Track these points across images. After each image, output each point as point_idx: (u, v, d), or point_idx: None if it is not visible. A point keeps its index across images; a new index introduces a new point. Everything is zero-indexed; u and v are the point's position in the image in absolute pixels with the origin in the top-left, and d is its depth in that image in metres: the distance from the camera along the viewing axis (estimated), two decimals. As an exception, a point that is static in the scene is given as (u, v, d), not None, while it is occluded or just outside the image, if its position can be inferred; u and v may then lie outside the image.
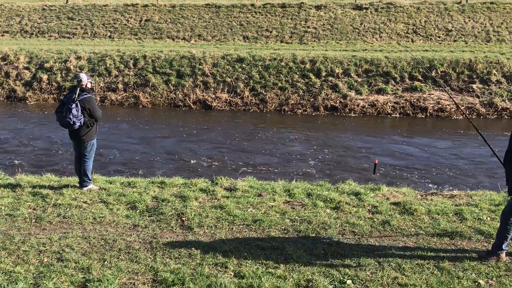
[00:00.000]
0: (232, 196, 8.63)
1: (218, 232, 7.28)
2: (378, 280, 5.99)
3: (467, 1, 27.26)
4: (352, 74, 19.58)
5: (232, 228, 7.41)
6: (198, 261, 6.45)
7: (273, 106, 19.00)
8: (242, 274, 6.13)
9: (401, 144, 14.73)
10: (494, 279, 6.00)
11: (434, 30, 24.87)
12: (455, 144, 14.68)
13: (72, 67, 21.49)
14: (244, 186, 9.08)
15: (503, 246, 6.45)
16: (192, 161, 13.23)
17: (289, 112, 18.55)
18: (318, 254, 6.61)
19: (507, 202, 6.28)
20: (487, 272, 6.13)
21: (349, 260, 6.45)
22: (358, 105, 18.47)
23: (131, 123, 17.28)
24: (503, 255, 6.46)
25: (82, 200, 8.47)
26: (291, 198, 8.50)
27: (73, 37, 27.30)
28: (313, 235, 7.12)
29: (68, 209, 8.08)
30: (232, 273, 6.18)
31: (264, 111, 18.86)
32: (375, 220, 7.63)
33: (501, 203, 8.12)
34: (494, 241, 6.81)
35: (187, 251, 6.71)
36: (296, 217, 7.74)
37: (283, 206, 8.20)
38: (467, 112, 17.88)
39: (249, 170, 12.45)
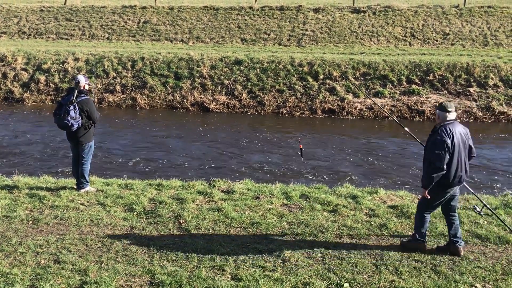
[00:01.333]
0: (229, 199, 8.64)
1: (215, 235, 7.28)
2: (375, 283, 6.01)
3: (464, 5, 27.32)
4: (350, 77, 19.60)
5: (230, 231, 7.41)
6: (195, 264, 6.45)
7: (271, 108, 19.01)
8: (239, 277, 6.14)
9: (398, 147, 14.74)
10: (491, 282, 6.02)
11: (432, 33, 24.91)
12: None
13: (70, 69, 21.46)
14: (242, 189, 9.09)
15: (419, 236, 6.79)
16: (188, 163, 13.23)
17: (286, 115, 18.56)
18: (316, 257, 6.62)
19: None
20: (484, 276, 6.15)
21: (346, 263, 6.46)
22: (355, 108, 18.49)
23: (138, 125, 17.28)
24: (421, 245, 6.79)
25: (79, 202, 8.47)
26: (289, 201, 8.52)
27: (71, 38, 27.27)
28: (311, 238, 7.13)
29: (65, 211, 8.08)
30: (229, 276, 6.19)
31: (262, 113, 18.86)
32: (372, 223, 7.64)
33: (498, 207, 8.14)
34: (489, 244, 6.88)
35: (184, 254, 6.71)
36: (294, 220, 7.75)
37: (280, 209, 8.20)
38: (464, 116, 17.90)
39: (247, 172, 12.45)
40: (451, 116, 6.51)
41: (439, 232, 7.30)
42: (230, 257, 6.61)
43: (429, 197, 6.53)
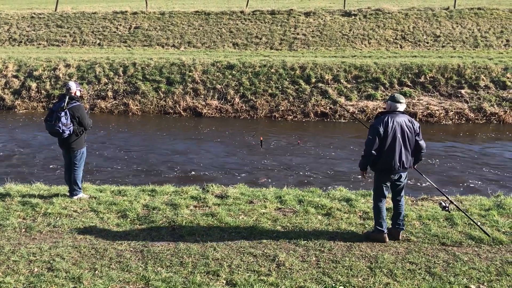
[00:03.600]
0: (223, 204, 8.61)
1: (209, 240, 7.26)
2: (370, 286, 6.01)
3: (454, 7, 27.47)
4: (341, 80, 19.64)
5: (224, 236, 7.39)
6: (189, 270, 6.43)
7: (264, 112, 19.01)
8: (234, 282, 6.12)
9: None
10: (485, 284, 6.03)
11: (423, 36, 25.03)
12: (445, 149, 14.73)
13: (61, 75, 21.39)
14: (235, 193, 9.07)
15: (379, 227, 7.09)
16: (183, 169, 13.20)
17: (279, 119, 18.57)
18: (310, 261, 6.61)
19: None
20: (478, 277, 6.16)
21: (341, 267, 6.45)
22: (348, 111, 18.52)
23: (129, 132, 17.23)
24: (380, 235, 7.08)
25: (72, 209, 8.42)
26: (283, 205, 8.50)
27: (62, 45, 27.18)
28: (305, 241, 7.12)
29: (58, 218, 8.03)
30: (224, 281, 6.17)
31: (255, 117, 18.86)
32: (366, 226, 7.64)
33: (491, 208, 8.17)
34: (483, 245, 6.92)
35: (179, 260, 6.69)
36: (288, 224, 7.74)
37: (274, 213, 8.19)
38: (456, 117, 17.97)
39: (239, 177, 12.44)
40: (401, 107, 6.97)
41: (433, 234, 7.31)
42: (224, 262, 6.59)
43: (365, 177, 7.31)
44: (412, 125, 6.94)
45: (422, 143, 7.02)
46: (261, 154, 14.35)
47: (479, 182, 11.97)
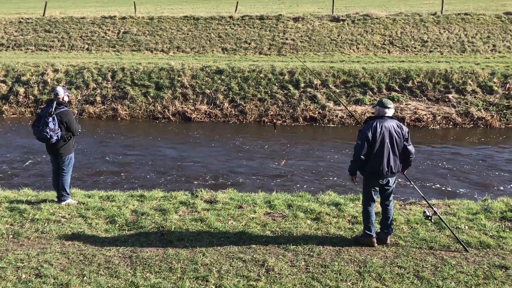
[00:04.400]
0: (212, 209, 8.60)
1: (198, 245, 7.23)
2: (359, 291, 6.03)
3: (442, 13, 27.71)
4: (330, 85, 19.73)
5: (213, 241, 7.37)
6: (179, 275, 6.41)
7: (253, 117, 19.04)
8: (223, 287, 6.11)
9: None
10: (473, 287, 6.07)
11: (410, 41, 25.22)
12: (432, 153, 14.83)
13: (49, 80, 21.29)
14: (225, 198, 9.06)
15: (367, 231, 7.12)
16: (172, 175, 13.18)
17: (268, 123, 18.60)
18: (299, 265, 6.62)
19: None
20: (466, 281, 6.20)
21: (330, 271, 6.46)
22: (336, 116, 18.60)
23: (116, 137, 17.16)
24: (368, 239, 7.12)
25: (60, 215, 8.36)
26: (272, 210, 8.50)
27: (50, 49, 27.07)
28: (294, 246, 7.12)
29: (46, 224, 7.97)
30: (213, 287, 6.16)
31: (244, 122, 18.88)
32: (355, 230, 7.66)
33: (478, 212, 8.23)
34: (470, 248, 6.97)
35: (168, 265, 6.66)
36: (277, 228, 7.74)
37: (263, 217, 8.19)
38: (444, 122, 18.10)
39: (229, 183, 12.43)
40: (389, 112, 6.98)
41: (421, 238, 7.35)
42: (213, 268, 6.58)
43: (354, 182, 7.31)
44: (401, 130, 6.98)
45: (411, 148, 7.07)
46: (275, 157, 14.37)
47: (466, 185, 12.05)
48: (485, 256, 6.82)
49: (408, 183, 11.32)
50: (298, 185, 12.16)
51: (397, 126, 6.99)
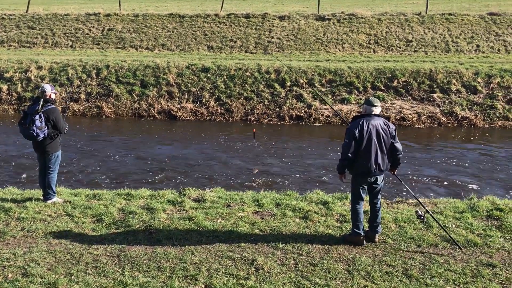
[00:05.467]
0: (200, 207, 8.58)
1: (187, 244, 7.21)
2: (348, 289, 6.05)
3: (426, 13, 27.89)
4: (316, 84, 19.77)
5: (202, 240, 7.35)
6: (167, 274, 6.38)
7: (239, 115, 19.00)
8: (212, 286, 6.10)
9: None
10: (461, 285, 6.12)
11: (395, 40, 25.35)
12: (417, 153, 14.93)
13: (33, 77, 21.05)
14: (213, 197, 9.04)
15: (356, 229, 7.17)
16: (159, 174, 13.11)
17: (254, 122, 18.57)
18: (289, 264, 6.63)
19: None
20: (454, 279, 6.25)
21: (319, 270, 6.48)
22: (322, 115, 18.63)
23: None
24: (357, 238, 7.17)
25: (46, 213, 8.28)
26: (260, 208, 8.50)
27: (34, 46, 26.75)
28: (283, 245, 7.13)
29: (32, 222, 7.89)
30: (203, 286, 6.14)
31: (230, 121, 18.84)
32: (344, 229, 7.69)
33: (465, 211, 8.30)
34: (458, 247, 7.03)
35: (156, 264, 6.63)
36: (266, 227, 7.74)
37: (252, 216, 8.18)
38: (428, 121, 18.23)
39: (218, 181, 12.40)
40: (376, 110, 7.06)
41: (409, 236, 7.39)
42: (203, 266, 6.56)
43: (343, 180, 7.39)
44: (388, 128, 7.02)
45: (398, 145, 7.11)
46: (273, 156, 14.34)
47: (457, 182, 12.16)
48: (472, 254, 6.88)
49: (395, 181, 11.41)
50: (286, 183, 12.16)
51: (384, 124, 7.04)
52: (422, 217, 7.31)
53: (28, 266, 6.52)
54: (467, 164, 13.71)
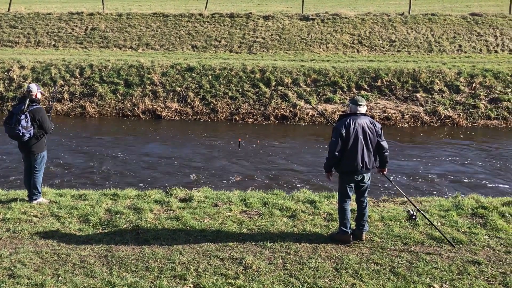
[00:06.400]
0: (188, 207, 8.56)
1: (175, 244, 7.20)
2: (336, 287, 6.08)
3: (409, 13, 28.13)
4: (301, 84, 19.83)
5: (189, 240, 7.34)
6: (156, 274, 6.36)
7: (224, 115, 19.00)
8: (201, 286, 6.10)
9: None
10: (448, 282, 6.19)
11: (379, 40, 25.52)
12: (403, 154, 15.07)
13: (15, 77, 20.83)
14: (200, 197, 9.02)
15: (343, 227, 7.20)
16: (146, 172, 13.06)
17: (240, 121, 18.58)
18: (277, 263, 6.65)
19: None
20: (441, 276, 6.32)
21: (307, 268, 6.51)
22: (307, 114, 18.71)
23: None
24: (344, 236, 7.20)
25: (32, 214, 8.21)
26: (248, 208, 8.51)
27: (16, 46, 26.47)
28: (271, 244, 7.15)
29: (17, 223, 7.81)
30: (192, 285, 6.14)
31: (215, 120, 18.82)
32: (331, 227, 7.73)
33: (450, 209, 8.40)
34: (444, 245, 7.10)
35: (144, 264, 6.61)
36: (254, 226, 7.75)
37: (240, 215, 8.19)
38: (412, 120, 18.39)
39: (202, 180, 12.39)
40: (362, 109, 7.13)
41: (396, 234, 7.46)
42: (191, 266, 6.55)
43: (331, 179, 7.38)
44: (374, 127, 7.09)
45: (384, 144, 7.16)
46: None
47: (442, 182, 12.29)
48: (458, 252, 6.96)
49: (380, 180, 11.50)
50: (269, 182, 12.19)
51: (370, 122, 7.10)
52: (414, 217, 7.37)
53: (15, 267, 6.46)
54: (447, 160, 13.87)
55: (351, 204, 7.49)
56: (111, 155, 14.48)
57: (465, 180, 12.51)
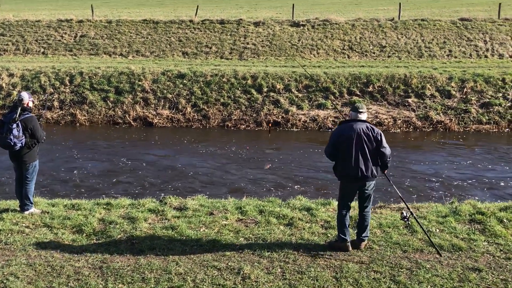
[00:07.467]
0: (183, 216, 8.42)
1: (171, 254, 7.06)
2: (337, 297, 5.99)
3: (399, 19, 28.25)
4: (293, 90, 19.78)
5: (186, 249, 7.21)
6: (152, 285, 6.24)
7: (216, 122, 18.90)
8: (200, 297, 5.98)
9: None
10: (449, 290, 6.12)
11: (369, 46, 25.58)
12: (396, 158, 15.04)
13: (4, 85, 20.61)
14: (195, 205, 8.90)
15: (342, 235, 7.14)
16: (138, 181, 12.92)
17: (232, 128, 18.49)
18: (276, 272, 6.54)
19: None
20: (441, 284, 6.24)
21: (307, 278, 6.41)
22: (299, 120, 18.65)
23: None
24: (343, 244, 7.13)
25: (24, 224, 8.04)
26: (244, 216, 8.39)
27: (4, 53, 26.24)
28: (269, 253, 7.03)
29: (9, 235, 7.64)
30: (190, 296, 6.01)
31: (207, 127, 18.72)
32: (329, 235, 7.64)
33: (447, 215, 8.34)
34: (443, 252, 7.03)
35: (140, 275, 6.47)
36: (251, 235, 7.64)
37: (236, 224, 8.07)
38: (404, 125, 18.39)
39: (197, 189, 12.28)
40: (362, 116, 7.08)
41: (395, 242, 7.38)
42: (188, 277, 6.43)
43: None
44: (371, 133, 6.97)
45: (385, 150, 7.00)
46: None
47: (435, 188, 12.25)
48: (458, 259, 6.89)
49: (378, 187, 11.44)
50: (264, 190, 12.10)
51: (367, 129, 6.99)
52: (406, 219, 7.31)
53: (7, 280, 6.30)
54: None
55: (352, 211, 7.43)
56: (100, 163, 14.32)
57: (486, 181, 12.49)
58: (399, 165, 14.11)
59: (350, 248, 7.12)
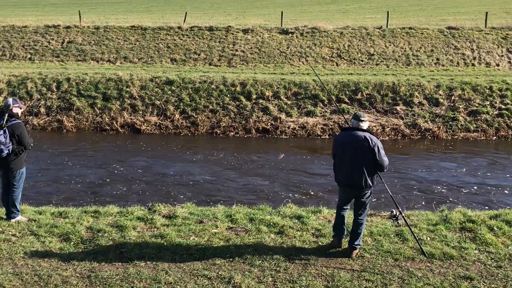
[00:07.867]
0: (172, 224, 8.33)
1: (160, 263, 6.96)
2: (329, 306, 5.93)
3: (387, 27, 28.39)
4: (282, 97, 19.77)
5: (175, 258, 7.11)
6: (142, 295, 6.13)
7: (205, 129, 18.81)
8: (190, 307, 5.89)
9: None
10: (442, 299, 6.08)
11: (357, 54, 25.67)
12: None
13: (-10, 91, 20.38)
14: (184, 213, 8.80)
15: (333, 231, 7.43)
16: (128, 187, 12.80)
17: (221, 135, 18.42)
18: (267, 281, 6.47)
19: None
20: (434, 293, 6.21)
21: (298, 286, 6.35)
22: (289, 127, 18.63)
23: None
24: (334, 239, 7.40)
25: (10, 233, 7.90)
26: (234, 224, 8.32)
27: (-10, 59, 25.99)
28: (260, 262, 6.96)
29: (-5, 243, 7.50)
30: (180, 306, 5.92)
31: (196, 134, 18.62)
32: (320, 243, 7.58)
33: (438, 223, 8.32)
34: (435, 260, 7.01)
35: (129, 285, 6.37)
36: (241, 243, 7.56)
37: (226, 232, 7.99)
38: (392, 133, 18.43)
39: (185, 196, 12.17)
40: (363, 125, 7.09)
41: (386, 250, 7.34)
42: (178, 286, 6.34)
43: None
44: (367, 143, 6.91)
45: (382, 162, 6.94)
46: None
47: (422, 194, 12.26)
48: (449, 267, 6.87)
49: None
50: (254, 197, 12.03)
51: (365, 138, 6.94)
52: (396, 218, 7.36)
53: (-7, 290, 6.17)
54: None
55: (347, 219, 7.49)
56: (88, 171, 14.18)
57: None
58: (387, 173, 14.12)
59: (341, 245, 7.32)
